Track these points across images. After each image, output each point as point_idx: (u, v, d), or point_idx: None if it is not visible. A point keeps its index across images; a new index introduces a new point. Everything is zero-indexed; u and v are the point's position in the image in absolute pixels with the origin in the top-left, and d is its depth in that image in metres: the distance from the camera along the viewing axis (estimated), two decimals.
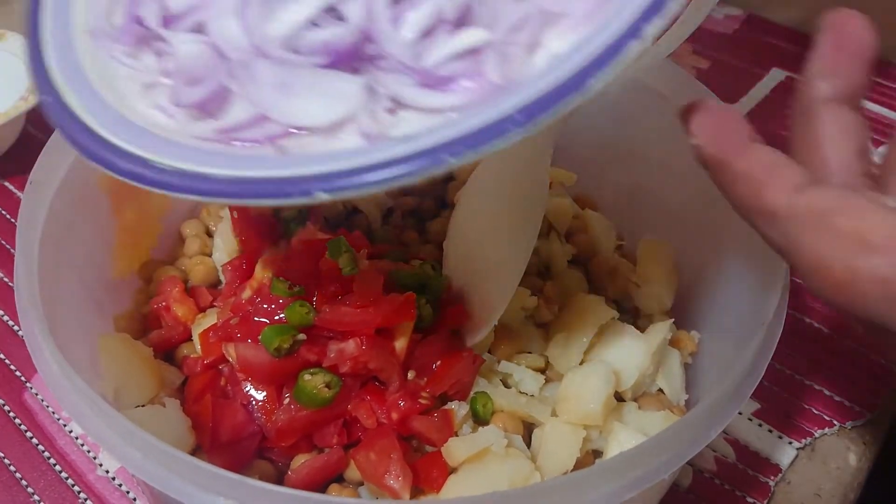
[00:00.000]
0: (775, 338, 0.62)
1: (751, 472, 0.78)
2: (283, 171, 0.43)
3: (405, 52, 0.45)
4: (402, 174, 0.41)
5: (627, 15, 0.41)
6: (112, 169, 0.47)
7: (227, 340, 0.69)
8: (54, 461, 0.78)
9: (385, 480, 0.62)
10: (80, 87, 0.51)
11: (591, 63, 0.40)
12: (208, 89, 0.48)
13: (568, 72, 0.40)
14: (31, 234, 0.66)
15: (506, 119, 0.40)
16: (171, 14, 0.50)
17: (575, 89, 0.40)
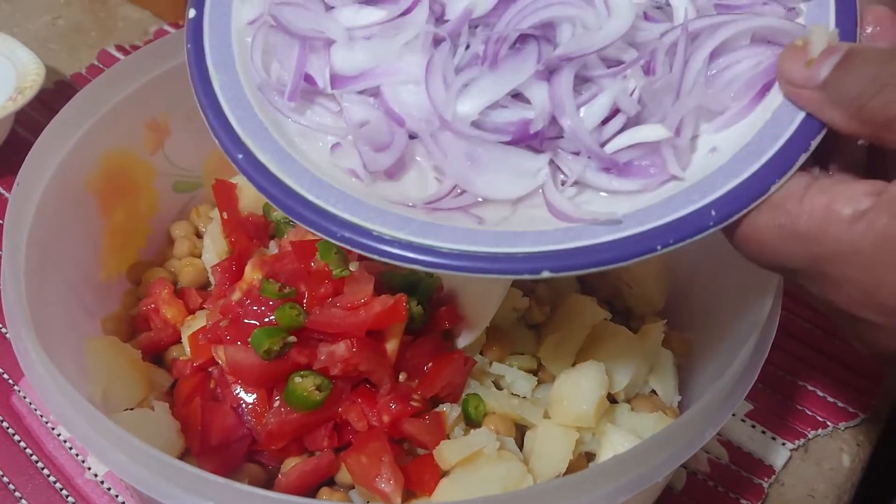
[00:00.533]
0: (769, 339, 0.62)
1: (744, 474, 0.78)
2: (503, 247, 0.48)
3: (588, 137, 0.51)
4: (616, 259, 0.48)
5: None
6: (334, 238, 0.49)
7: (217, 343, 0.68)
8: (42, 465, 0.77)
9: (376, 484, 0.61)
10: (265, 144, 0.53)
11: (767, 168, 0.47)
12: (394, 156, 0.52)
13: (745, 176, 0.48)
14: (17, 235, 0.65)
15: (703, 215, 0.47)
16: (339, 75, 0.53)
17: (758, 192, 0.47)
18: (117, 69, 0.79)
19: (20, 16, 1.31)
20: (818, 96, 0.48)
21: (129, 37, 1.28)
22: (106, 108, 0.77)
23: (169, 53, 0.82)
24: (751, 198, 0.47)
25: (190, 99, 0.85)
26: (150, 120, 0.83)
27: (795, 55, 0.48)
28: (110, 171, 0.79)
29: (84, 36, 1.28)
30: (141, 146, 0.83)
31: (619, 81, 0.51)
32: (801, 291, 0.51)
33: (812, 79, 0.47)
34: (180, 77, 0.82)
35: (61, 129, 0.73)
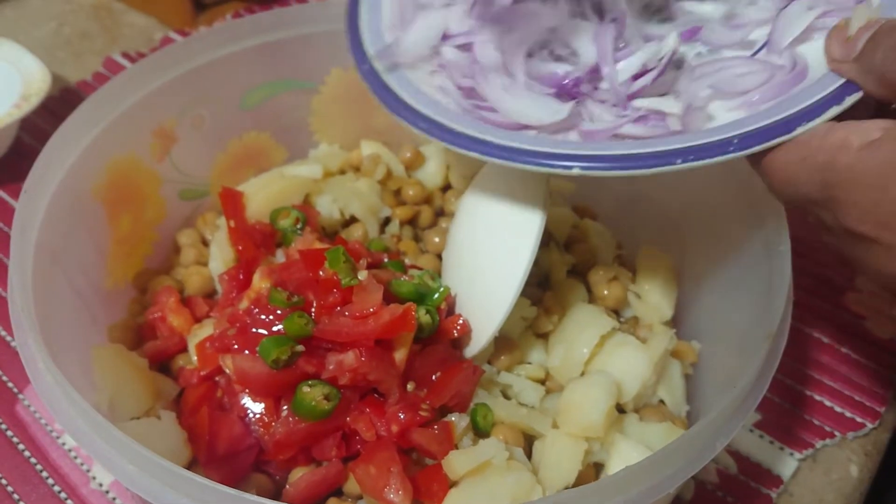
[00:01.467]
0: (780, 349, 0.61)
1: (753, 484, 0.77)
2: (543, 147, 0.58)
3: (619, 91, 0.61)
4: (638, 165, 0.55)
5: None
6: (416, 126, 0.62)
7: (224, 351, 0.68)
8: (47, 474, 0.76)
9: (385, 494, 0.61)
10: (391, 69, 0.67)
11: (801, 114, 0.54)
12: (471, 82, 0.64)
13: (775, 119, 0.54)
14: (24, 243, 0.65)
15: (726, 142, 0.54)
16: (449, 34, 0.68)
17: (785, 131, 0.53)
18: (124, 77, 0.79)
19: (25, 23, 1.31)
20: (854, 68, 0.53)
21: (135, 44, 1.28)
22: (113, 115, 0.77)
23: (176, 61, 0.82)
24: (772, 136, 0.54)
25: (197, 106, 0.86)
26: (157, 127, 0.83)
27: (837, 34, 0.55)
28: (117, 178, 0.79)
29: (89, 43, 1.28)
30: (147, 154, 0.83)
31: (654, 45, 0.62)
32: (818, 224, 0.56)
33: (849, 53, 0.54)
34: (187, 84, 0.83)
35: (68, 137, 0.73)
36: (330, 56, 0.90)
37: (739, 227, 0.74)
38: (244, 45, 0.86)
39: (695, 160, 0.55)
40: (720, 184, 0.76)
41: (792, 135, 0.53)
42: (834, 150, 0.51)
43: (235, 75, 0.87)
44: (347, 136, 0.96)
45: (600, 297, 0.81)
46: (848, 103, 0.53)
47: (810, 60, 0.58)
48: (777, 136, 0.54)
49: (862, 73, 0.53)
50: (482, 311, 0.71)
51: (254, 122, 0.91)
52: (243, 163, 0.92)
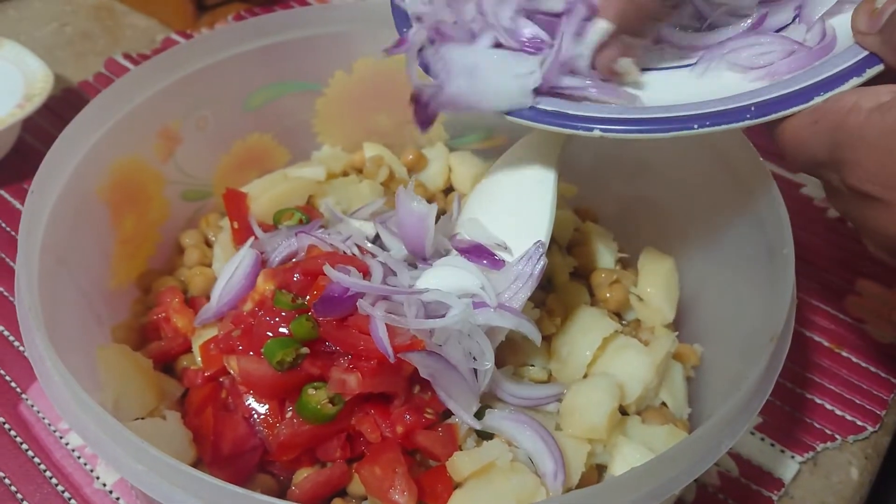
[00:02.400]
0: (784, 352, 0.62)
1: (754, 487, 0.78)
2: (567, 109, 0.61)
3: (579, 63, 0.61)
4: (659, 129, 0.57)
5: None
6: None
7: (229, 353, 0.68)
8: (51, 474, 0.76)
9: (390, 495, 0.61)
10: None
11: (818, 85, 0.54)
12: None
13: (794, 88, 0.55)
14: (31, 243, 0.65)
15: (744, 109, 0.55)
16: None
17: (802, 101, 0.54)
18: (129, 78, 0.79)
19: (27, 23, 1.31)
20: (877, 40, 0.54)
21: (137, 45, 1.28)
22: (117, 116, 0.77)
23: (180, 63, 0.82)
24: (790, 105, 0.55)
25: (201, 107, 0.86)
26: (161, 129, 0.83)
27: (865, 7, 0.55)
28: (121, 179, 0.79)
29: (91, 44, 1.28)
30: (152, 155, 0.83)
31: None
32: (825, 184, 0.57)
33: (874, 26, 0.54)
34: (192, 86, 0.84)
35: (74, 137, 0.73)
36: (333, 58, 0.90)
37: (742, 229, 0.74)
38: (248, 47, 0.86)
39: (711, 125, 0.56)
40: (723, 187, 0.77)
41: (810, 104, 0.54)
42: (844, 112, 0.52)
43: (239, 77, 0.87)
44: (350, 137, 0.96)
45: (602, 299, 0.82)
46: (869, 75, 0.54)
47: (839, 32, 0.59)
48: (794, 105, 0.55)
49: (884, 45, 0.54)
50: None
51: (257, 123, 0.91)
52: (247, 164, 0.92)
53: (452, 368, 0.64)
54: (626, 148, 0.86)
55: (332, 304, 0.65)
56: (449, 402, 0.66)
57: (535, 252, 0.68)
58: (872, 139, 0.50)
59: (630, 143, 0.81)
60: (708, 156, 0.78)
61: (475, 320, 0.65)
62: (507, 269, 0.68)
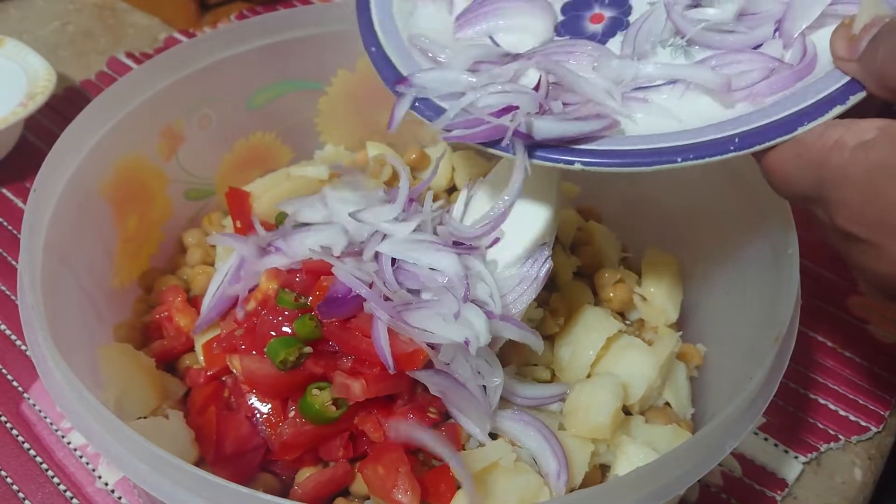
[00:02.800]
0: (788, 352, 0.62)
1: (757, 487, 0.78)
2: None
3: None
4: (640, 163, 0.56)
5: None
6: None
7: (232, 352, 0.68)
8: (52, 473, 0.76)
9: (393, 495, 0.61)
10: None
11: (801, 113, 0.53)
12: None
13: (777, 117, 0.54)
14: (34, 241, 0.65)
15: (727, 140, 0.54)
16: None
17: (785, 131, 0.53)
18: (131, 77, 0.79)
19: (29, 22, 1.31)
20: (857, 67, 0.53)
21: (139, 44, 1.28)
22: (120, 115, 0.77)
23: (183, 61, 0.82)
24: (773, 136, 0.54)
25: (204, 106, 0.86)
26: (164, 127, 0.83)
27: (842, 32, 0.54)
28: (124, 178, 0.79)
29: (93, 42, 1.28)
30: (154, 153, 0.83)
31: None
32: (815, 223, 0.56)
33: (853, 52, 0.53)
34: (194, 84, 0.83)
35: (77, 136, 0.73)
36: (336, 57, 0.90)
37: (746, 229, 0.74)
38: (251, 45, 0.86)
39: (695, 159, 0.55)
40: (726, 186, 0.77)
41: (793, 135, 0.53)
42: (828, 148, 0.51)
43: (242, 76, 0.87)
44: (353, 136, 0.96)
45: (606, 299, 0.81)
46: (852, 103, 0.53)
47: (820, 49, 0.58)
48: (778, 136, 0.54)
49: (864, 73, 0.53)
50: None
51: (260, 122, 0.91)
52: (249, 163, 0.92)
53: (461, 386, 0.64)
54: None
55: (335, 305, 0.65)
56: (461, 419, 0.66)
57: (540, 255, 0.68)
58: (856, 179, 0.49)
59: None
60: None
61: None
62: (511, 272, 0.68)
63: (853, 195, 0.49)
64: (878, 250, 0.50)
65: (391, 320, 0.63)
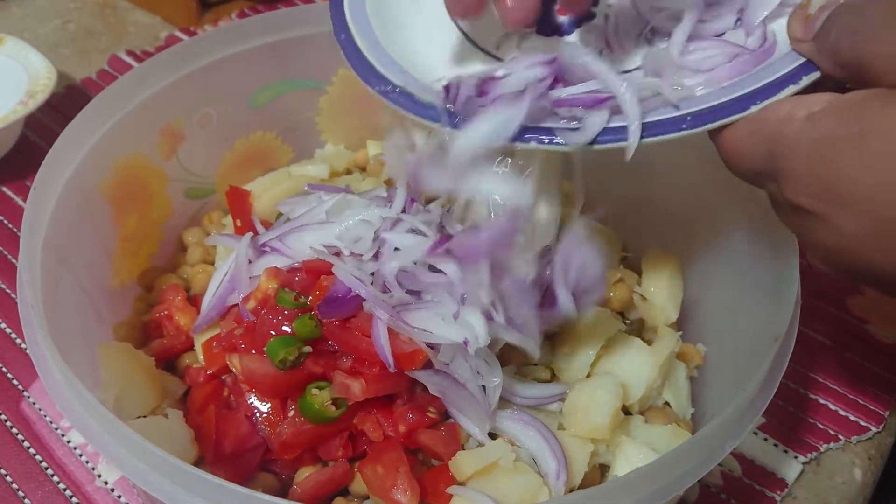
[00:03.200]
0: (788, 352, 0.62)
1: (757, 487, 0.78)
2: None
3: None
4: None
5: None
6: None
7: (231, 351, 0.68)
8: (52, 472, 0.76)
9: (392, 494, 0.61)
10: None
11: (754, 93, 0.53)
12: None
13: (731, 97, 0.54)
14: (33, 239, 0.65)
15: (680, 119, 0.55)
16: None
17: (738, 110, 0.53)
18: (132, 75, 0.79)
19: (30, 20, 1.31)
20: (812, 47, 0.53)
21: (140, 42, 1.28)
22: (120, 114, 0.77)
23: (184, 60, 0.82)
24: (726, 114, 0.54)
25: (204, 105, 0.86)
26: (165, 126, 0.83)
27: (799, 14, 0.54)
28: (124, 176, 0.79)
29: (94, 41, 1.28)
30: (154, 152, 0.83)
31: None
32: (770, 198, 0.56)
33: (808, 32, 0.53)
34: (195, 83, 0.83)
35: (77, 134, 0.73)
36: (337, 56, 0.89)
37: (746, 229, 0.74)
38: (252, 44, 0.86)
39: (647, 136, 0.55)
40: (726, 185, 0.76)
41: (745, 113, 0.53)
42: (780, 121, 0.51)
43: (243, 75, 0.87)
44: (354, 135, 0.96)
45: (605, 298, 0.81)
46: (805, 83, 0.53)
47: (780, 37, 0.58)
48: (730, 115, 0.54)
49: (818, 52, 0.52)
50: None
51: (260, 121, 0.91)
52: (250, 162, 0.92)
53: (461, 386, 0.64)
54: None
55: (335, 305, 0.65)
56: (460, 419, 0.66)
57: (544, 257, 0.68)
58: (804, 150, 0.49)
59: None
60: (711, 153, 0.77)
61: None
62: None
63: (801, 166, 0.49)
64: (825, 221, 0.49)
65: (391, 319, 0.63)
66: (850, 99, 0.48)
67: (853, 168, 0.46)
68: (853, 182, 0.47)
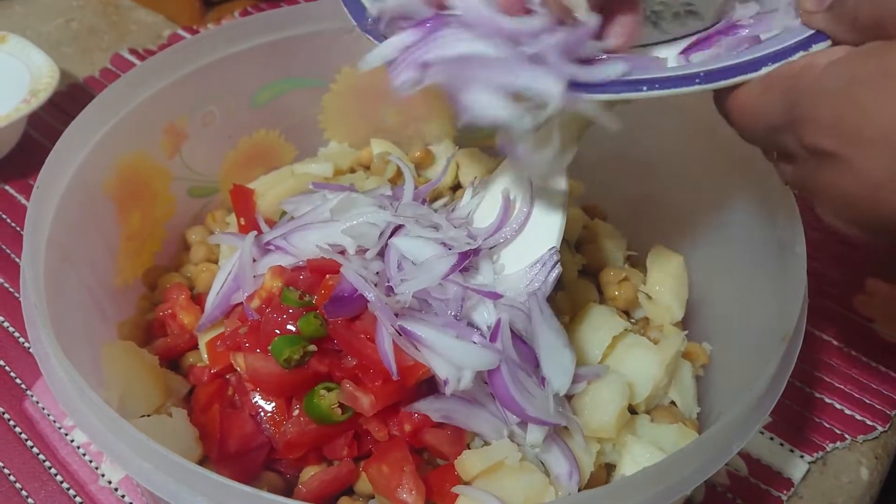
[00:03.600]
0: (795, 351, 0.61)
1: (763, 487, 0.77)
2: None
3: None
4: (608, 91, 0.55)
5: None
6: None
7: (236, 350, 0.68)
8: (55, 471, 0.76)
9: (398, 494, 0.61)
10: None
11: (768, 56, 0.54)
12: None
13: (742, 60, 0.55)
14: (37, 238, 0.65)
15: (693, 75, 0.55)
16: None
17: (751, 70, 0.54)
18: (135, 73, 0.79)
19: (33, 18, 1.31)
20: (826, 17, 0.54)
21: (143, 41, 1.27)
22: (124, 112, 0.77)
23: (187, 58, 0.82)
24: (739, 73, 0.54)
25: (208, 103, 0.85)
26: (168, 124, 0.83)
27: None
28: (127, 175, 0.78)
29: (97, 39, 1.28)
30: (158, 150, 0.82)
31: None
32: (780, 157, 0.56)
33: (822, 3, 0.54)
34: (198, 82, 0.83)
35: (80, 133, 0.73)
36: (340, 54, 0.90)
37: (752, 227, 0.74)
38: (255, 42, 0.86)
39: (660, 88, 0.55)
40: (732, 183, 0.76)
41: (757, 73, 0.54)
42: (798, 72, 0.51)
43: (246, 73, 0.87)
44: (357, 134, 0.96)
45: (611, 297, 0.81)
46: (815, 50, 0.54)
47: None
48: (743, 74, 0.54)
49: (834, 21, 0.53)
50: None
51: (264, 119, 0.91)
52: (253, 160, 0.91)
53: (466, 403, 0.64)
54: (633, 146, 0.85)
55: (341, 304, 0.64)
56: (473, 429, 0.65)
57: (549, 259, 0.68)
58: (830, 91, 0.49)
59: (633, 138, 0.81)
60: (717, 152, 0.77)
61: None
62: (520, 276, 0.68)
63: (824, 109, 0.49)
64: (848, 165, 0.48)
65: (395, 334, 0.62)
66: (870, 46, 0.49)
67: (879, 107, 0.46)
68: (879, 121, 0.46)
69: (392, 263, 0.67)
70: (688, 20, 0.65)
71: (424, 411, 0.64)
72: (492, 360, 0.62)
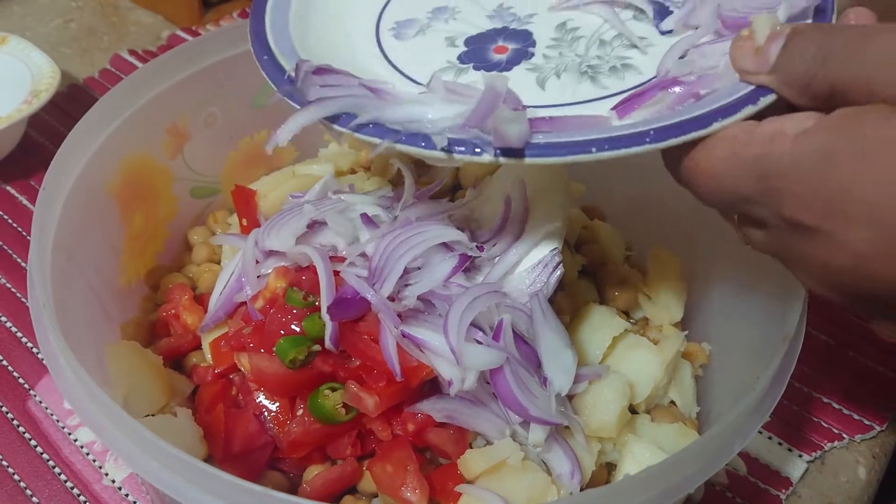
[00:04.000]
0: (796, 351, 0.62)
1: (762, 486, 0.78)
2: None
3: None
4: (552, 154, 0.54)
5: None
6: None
7: (240, 350, 0.68)
8: (59, 470, 0.76)
9: (401, 493, 0.61)
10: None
11: (717, 111, 0.52)
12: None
13: (689, 116, 0.53)
14: (43, 239, 0.65)
15: (643, 134, 0.53)
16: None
17: (700, 126, 0.52)
18: (138, 75, 0.79)
19: (32, 19, 1.31)
20: (772, 79, 0.52)
21: (142, 41, 1.28)
22: (127, 113, 0.77)
23: (189, 59, 0.82)
24: (689, 129, 0.52)
25: (210, 104, 0.86)
26: (171, 125, 0.83)
27: (744, 45, 0.53)
28: (130, 175, 0.79)
29: (97, 40, 1.28)
30: (160, 151, 0.83)
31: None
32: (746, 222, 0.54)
33: (763, 65, 0.52)
34: (200, 82, 0.84)
35: (84, 134, 0.73)
36: None
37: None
38: None
39: (609, 150, 0.53)
40: None
41: (708, 130, 0.52)
42: (767, 140, 0.49)
43: (247, 74, 0.86)
44: None
45: (611, 298, 0.82)
46: (762, 104, 0.52)
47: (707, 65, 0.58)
48: (694, 130, 0.52)
49: (783, 85, 0.51)
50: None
51: (265, 120, 0.91)
52: (254, 161, 0.92)
53: (469, 403, 0.64)
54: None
55: (345, 306, 0.64)
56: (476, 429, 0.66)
57: (550, 260, 0.68)
58: (803, 164, 0.47)
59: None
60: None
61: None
62: (521, 277, 0.68)
63: (800, 182, 0.47)
64: (830, 238, 0.47)
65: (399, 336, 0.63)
66: (842, 115, 0.47)
67: (857, 182, 0.45)
68: (859, 196, 0.45)
69: (377, 259, 0.67)
70: (626, 74, 0.64)
71: (427, 411, 0.64)
72: (496, 358, 0.62)
